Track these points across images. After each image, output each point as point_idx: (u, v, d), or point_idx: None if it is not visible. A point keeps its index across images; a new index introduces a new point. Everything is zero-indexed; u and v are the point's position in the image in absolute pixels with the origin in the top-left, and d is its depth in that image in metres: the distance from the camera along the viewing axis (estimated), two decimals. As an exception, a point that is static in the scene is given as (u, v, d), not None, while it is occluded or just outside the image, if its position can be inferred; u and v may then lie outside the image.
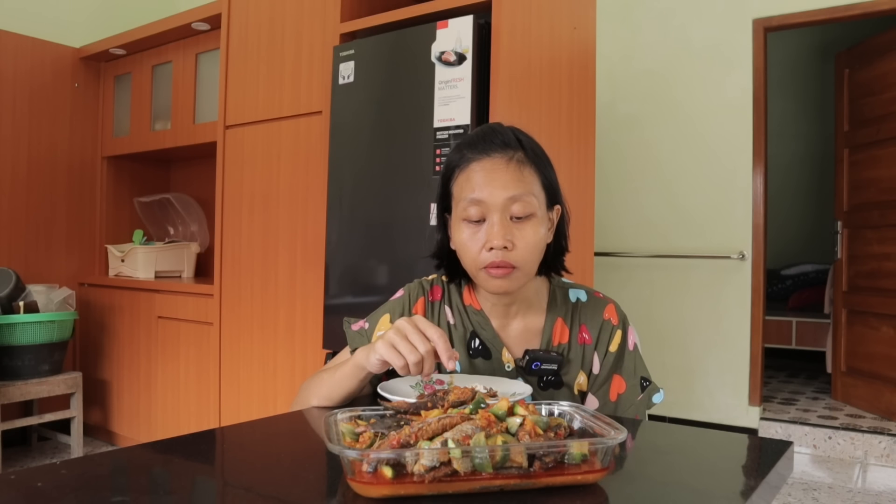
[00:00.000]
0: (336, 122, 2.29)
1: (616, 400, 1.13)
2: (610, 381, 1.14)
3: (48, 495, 0.65)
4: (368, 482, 0.65)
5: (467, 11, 2.00)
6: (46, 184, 3.39)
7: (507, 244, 1.02)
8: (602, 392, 1.14)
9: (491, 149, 1.05)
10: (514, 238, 1.03)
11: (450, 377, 1.07)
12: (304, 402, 1.09)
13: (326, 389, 1.05)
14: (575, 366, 1.14)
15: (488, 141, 1.06)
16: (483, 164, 1.04)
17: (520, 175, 1.04)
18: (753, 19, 3.60)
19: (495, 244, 1.01)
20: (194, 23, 2.97)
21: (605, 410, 1.13)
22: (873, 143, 3.68)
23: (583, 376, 1.14)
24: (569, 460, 0.68)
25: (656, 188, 3.88)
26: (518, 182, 1.03)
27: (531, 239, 1.04)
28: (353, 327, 1.20)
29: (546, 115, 2.15)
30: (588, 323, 1.15)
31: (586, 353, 1.14)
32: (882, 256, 3.61)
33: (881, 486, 2.96)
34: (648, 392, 1.14)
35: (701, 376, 3.71)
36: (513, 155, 1.05)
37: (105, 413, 3.37)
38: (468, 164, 1.06)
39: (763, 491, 0.72)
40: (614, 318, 1.15)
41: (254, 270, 2.64)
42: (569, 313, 1.15)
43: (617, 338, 1.14)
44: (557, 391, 1.13)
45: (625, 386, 1.13)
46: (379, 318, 1.18)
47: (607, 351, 1.14)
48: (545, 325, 1.14)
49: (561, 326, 1.14)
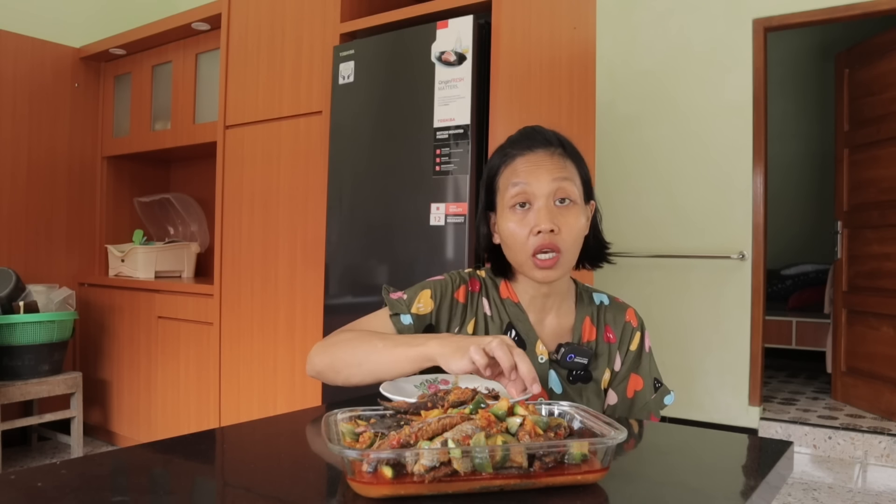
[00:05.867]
0: (336, 122, 2.29)
1: (633, 396, 1.20)
2: (628, 378, 1.20)
3: (48, 495, 0.65)
4: (368, 482, 0.65)
5: (467, 11, 2.00)
6: (46, 184, 3.39)
7: (554, 227, 1.07)
8: (621, 388, 1.20)
9: (534, 145, 1.13)
10: (559, 222, 1.08)
11: (454, 377, 1.08)
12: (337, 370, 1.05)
13: (375, 366, 1.01)
14: (602, 362, 1.20)
15: (531, 139, 1.14)
16: (527, 158, 1.12)
17: (563, 164, 1.11)
18: (753, 19, 3.60)
19: (543, 227, 1.07)
20: (194, 23, 2.97)
21: (622, 406, 1.20)
22: (873, 143, 3.68)
23: (608, 372, 1.20)
24: (569, 460, 0.68)
25: (656, 188, 3.88)
26: (561, 169, 1.10)
27: (574, 224, 1.10)
28: (392, 296, 1.19)
29: (546, 116, 2.15)
30: (612, 324, 1.22)
31: (611, 351, 1.20)
32: (882, 256, 3.61)
33: (881, 486, 2.96)
34: (661, 393, 1.21)
35: (701, 376, 3.71)
36: (554, 150, 1.12)
37: (105, 413, 3.37)
38: (513, 160, 1.13)
39: (763, 491, 0.72)
40: (634, 321, 1.23)
41: (254, 270, 2.64)
42: (595, 314, 1.22)
43: (636, 339, 1.22)
44: (585, 385, 1.18)
45: (641, 384, 1.20)
46: (419, 293, 1.18)
47: (628, 350, 1.21)
48: (575, 322, 1.20)
49: (589, 325, 1.21)
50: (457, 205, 1.95)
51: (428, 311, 1.16)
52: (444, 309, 1.17)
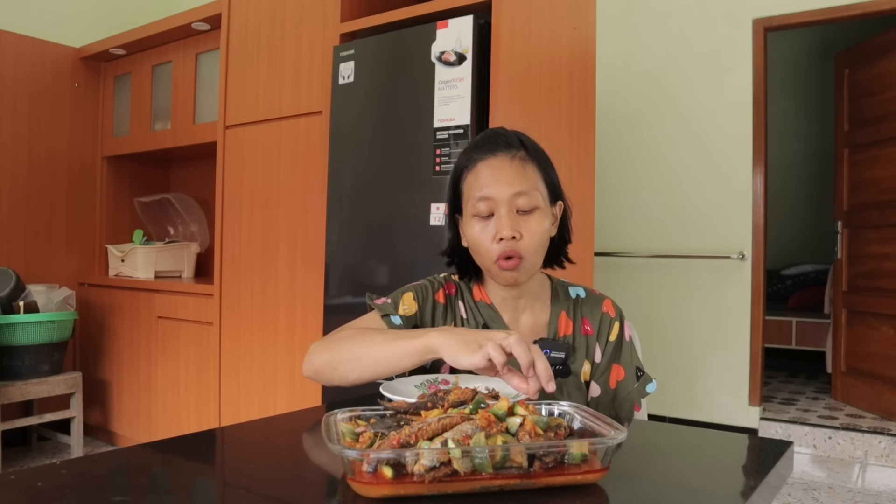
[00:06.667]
0: (336, 122, 2.29)
1: (615, 387, 1.21)
2: (610, 369, 1.21)
3: (48, 495, 0.65)
4: (368, 482, 0.65)
5: (467, 11, 2.00)
6: (46, 184, 3.39)
7: (515, 234, 1.09)
8: (603, 379, 1.21)
9: (496, 149, 1.13)
10: (521, 229, 1.10)
11: (455, 377, 1.08)
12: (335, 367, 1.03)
13: (375, 359, 0.99)
14: (580, 355, 1.21)
15: (493, 142, 1.14)
16: (489, 163, 1.12)
17: (523, 171, 1.11)
18: (753, 19, 3.60)
19: (504, 235, 1.08)
20: (194, 23, 2.97)
21: (606, 397, 1.20)
22: (873, 143, 3.68)
23: (587, 365, 1.21)
24: (569, 460, 0.68)
25: (656, 188, 3.88)
26: (522, 178, 1.11)
27: (536, 230, 1.11)
28: (377, 301, 1.19)
29: (546, 115, 2.15)
30: (589, 316, 1.23)
31: (589, 343, 1.22)
32: (882, 256, 3.61)
33: (881, 486, 2.96)
34: (643, 381, 1.22)
35: (701, 376, 3.71)
36: (515, 154, 1.12)
37: (105, 413, 3.37)
38: (475, 165, 1.14)
39: (763, 491, 0.72)
40: (612, 311, 1.24)
41: (254, 270, 2.64)
42: (571, 307, 1.23)
43: (615, 329, 1.23)
44: (565, 380, 1.18)
45: (623, 374, 1.21)
46: (401, 296, 1.19)
47: (607, 341, 1.22)
48: (550, 318, 1.22)
49: (565, 319, 1.22)
50: (457, 205, 1.95)
51: (413, 312, 1.18)
52: (427, 310, 1.19)
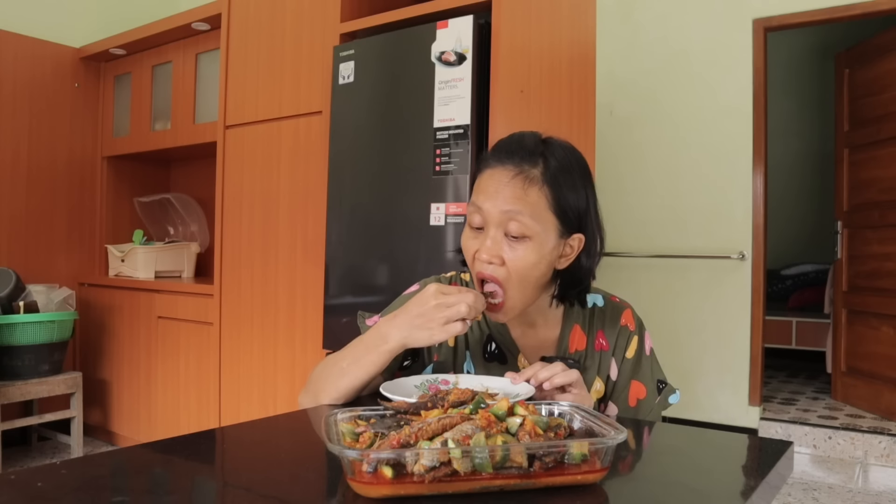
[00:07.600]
0: (336, 122, 2.29)
1: (636, 406, 1.14)
2: (629, 387, 1.14)
3: (48, 495, 0.65)
4: (368, 482, 0.64)
5: (467, 11, 2.00)
6: (46, 184, 3.39)
7: (495, 260, 1.00)
8: (622, 398, 1.14)
9: (507, 158, 1.01)
10: (504, 255, 1.00)
11: (455, 377, 1.07)
12: (314, 395, 1.05)
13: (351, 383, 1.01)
14: (591, 372, 1.13)
15: (510, 150, 1.03)
16: (493, 172, 1.02)
17: (523, 193, 0.99)
18: (753, 19, 3.60)
19: (482, 257, 1.01)
20: (194, 23, 2.97)
21: (626, 415, 1.13)
22: (873, 143, 3.68)
23: (599, 383, 1.13)
24: (569, 460, 0.68)
25: (656, 188, 3.88)
26: (516, 200, 0.98)
27: (520, 262, 0.99)
28: (368, 322, 1.17)
29: (546, 116, 2.15)
30: (605, 329, 1.15)
31: (603, 359, 1.14)
32: (882, 256, 3.61)
33: (881, 486, 2.96)
34: (665, 394, 1.15)
35: (701, 376, 3.71)
36: (526, 170, 1.00)
37: (105, 413, 3.37)
38: (485, 169, 1.04)
39: (763, 491, 0.72)
40: (631, 324, 1.16)
41: (254, 270, 2.64)
42: (586, 320, 1.15)
43: (634, 343, 1.15)
44: None
45: (644, 391, 1.14)
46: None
47: (624, 357, 1.14)
48: (562, 332, 1.14)
49: (579, 333, 1.14)
50: (457, 205, 1.95)
51: None
52: None
